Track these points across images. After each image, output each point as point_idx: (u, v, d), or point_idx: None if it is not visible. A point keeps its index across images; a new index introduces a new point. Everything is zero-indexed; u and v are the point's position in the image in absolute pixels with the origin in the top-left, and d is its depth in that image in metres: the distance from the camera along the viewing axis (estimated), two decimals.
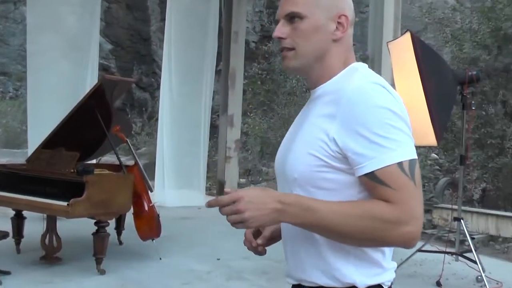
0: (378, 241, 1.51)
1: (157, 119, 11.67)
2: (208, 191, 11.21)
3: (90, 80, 9.13)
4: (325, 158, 1.52)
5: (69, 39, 9.33)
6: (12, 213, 6.30)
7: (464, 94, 5.79)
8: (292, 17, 1.62)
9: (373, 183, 1.48)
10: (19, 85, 20.64)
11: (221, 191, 10.46)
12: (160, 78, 10.62)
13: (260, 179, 12.61)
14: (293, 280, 1.71)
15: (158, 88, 11.56)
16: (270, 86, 14.32)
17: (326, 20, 1.62)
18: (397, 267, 4.20)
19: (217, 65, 10.95)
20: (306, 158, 1.55)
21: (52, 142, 6.03)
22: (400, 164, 1.47)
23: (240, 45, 10.68)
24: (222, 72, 10.87)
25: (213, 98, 11.65)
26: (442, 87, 5.55)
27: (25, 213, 6.20)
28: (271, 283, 5.59)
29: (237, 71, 10.61)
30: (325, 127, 1.53)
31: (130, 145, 6.54)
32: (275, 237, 1.85)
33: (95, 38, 9.70)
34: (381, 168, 1.46)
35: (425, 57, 5.45)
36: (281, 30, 1.64)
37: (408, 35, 5.40)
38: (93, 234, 5.54)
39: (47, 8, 9.10)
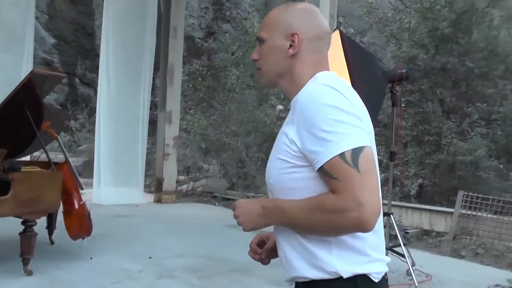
0: (335, 230, 1.60)
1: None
2: (148, 188, 11.10)
3: (25, 73, 8.90)
4: (290, 159, 1.65)
5: (6, 31, 9.10)
6: None
7: (394, 92, 5.88)
8: (259, 41, 1.83)
9: (324, 177, 1.59)
10: None
11: (159, 188, 10.37)
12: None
13: (200, 176, 12.56)
14: (289, 281, 1.80)
15: None
16: (210, 83, 14.27)
17: (281, 40, 1.78)
18: None
19: (157, 61, 10.85)
20: (276, 163, 1.69)
21: None
22: (342, 155, 1.55)
23: (179, 40, 10.60)
24: (160, 68, 10.76)
25: (155, 95, 11.55)
26: (372, 85, 5.61)
27: None
28: (202, 281, 5.56)
29: (176, 67, 10.52)
30: (287, 132, 1.67)
31: (60, 142, 6.38)
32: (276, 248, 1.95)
33: (30, 29, 9.48)
34: (326, 161, 1.56)
35: (354, 55, 5.50)
36: (255, 52, 1.85)
37: (337, 33, 5.44)
38: (20, 233, 5.40)
39: None
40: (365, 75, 5.57)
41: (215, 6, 20.47)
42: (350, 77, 5.44)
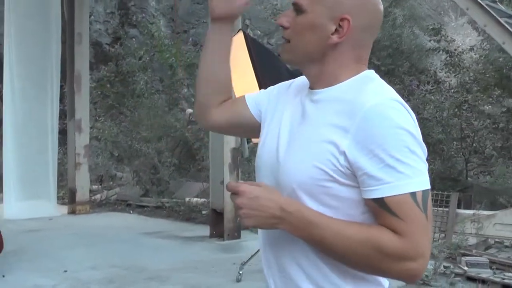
0: (376, 271, 1.42)
1: None
2: (61, 200, 10.89)
3: None
4: (332, 172, 1.41)
5: None
6: None
7: None
8: (296, 9, 1.51)
9: (381, 209, 1.38)
10: None
11: (72, 199, 10.20)
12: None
13: (114, 184, 12.43)
14: None
15: None
16: (119, 89, 14.14)
17: (325, 20, 1.48)
18: (245, 262, 4.38)
19: (64, 69, 10.65)
20: (309, 169, 1.43)
21: None
22: (413, 194, 1.36)
23: (85, 46, 10.45)
24: (67, 76, 10.57)
25: (64, 103, 11.32)
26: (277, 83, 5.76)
27: None
28: None
29: (83, 74, 10.36)
30: (334, 139, 1.41)
31: None
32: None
33: None
34: (393, 195, 1.36)
35: (259, 55, 5.64)
36: (285, 18, 1.54)
37: (240, 34, 5.57)
38: None
39: None
40: (271, 75, 5.71)
41: (121, 10, 20.21)
42: (256, 78, 5.58)
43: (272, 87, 1.77)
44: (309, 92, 1.56)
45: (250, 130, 1.76)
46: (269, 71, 5.71)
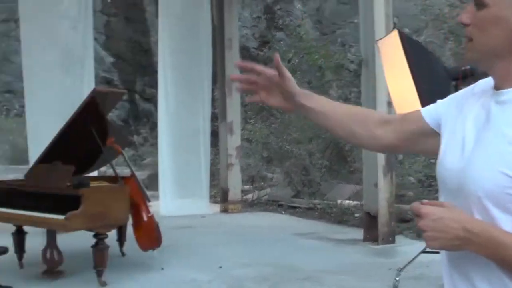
0: None
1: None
2: (213, 199, 11.21)
3: (86, 93, 9.13)
4: None
5: (65, 53, 9.42)
6: (14, 228, 6.32)
7: (459, 90, 5.76)
8: (477, 3, 1.41)
9: None
10: (24, 102, 20.75)
11: (225, 198, 10.46)
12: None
13: (265, 185, 12.60)
14: None
15: None
16: None
17: (510, 12, 1.37)
18: (402, 269, 4.18)
19: (215, 73, 10.98)
20: (496, 176, 1.33)
21: (48, 156, 6.04)
22: None
23: (235, 51, 10.69)
24: (218, 80, 10.87)
25: (214, 106, 11.68)
26: (435, 85, 5.50)
27: (26, 227, 6.22)
28: None
29: None
30: None
31: (125, 156, 6.54)
32: (287, 85, 1.71)
33: (89, 50, 9.76)
34: None
35: (415, 55, 5.39)
36: (466, 14, 1.44)
37: (395, 33, 5.36)
38: (92, 246, 5.54)
39: (41, 23, 9.19)
40: (427, 74, 5.46)
41: (267, 15, 20.57)
42: (412, 78, 5.35)
43: (452, 95, 1.63)
44: (494, 93, 1.43)
45: (427, 143, 1.63)
46: (424, 69, 5.46)
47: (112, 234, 6.01)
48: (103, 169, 7.12)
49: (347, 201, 10.15)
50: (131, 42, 22.57)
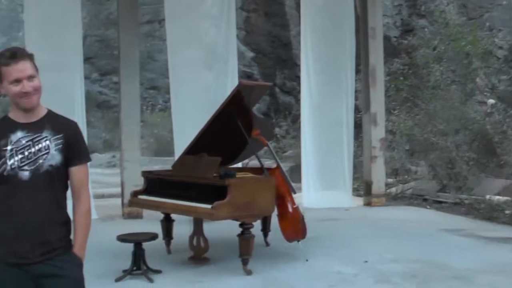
0: None
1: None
2: (356, 192, 11.07)
3: (230, 88, 9.38)
4: None
5: (209, 51, 9.72)
6: (162, 216, 6.60)
7: None
8: None
9: None
10: (168, 97, 21.68)
11: (368, 191, 10.29)
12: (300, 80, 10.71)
13: (409, 178, 12.25)
14: None
15: (300, 91, 11.69)
16: (413, 81, 13.88)
17: None
18: None
19: (357, 63, 10.82)
20: None
21: (195, 148, 6.23)
22: None
23: (379, 41, 10.45)
24: (362, 70, 10.68)
25: (356, 97, 11.52)
26: None
27: (173, 215, 6.49)
28: (420, 287, 5.37)
29: (377, 68, 10.39)
30: None
31: (271, 148, 6.61)
32: None
33: (233, 47, 9.98)
34: None
35: None
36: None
37: None
38: (238, 235, 5.65)
39: (186, 23, 9.54)
40: None
41: (408, 2, 19.99)
42: None
43: None
44: None
45: None
46: None
47: (257, 224, 6.09)
48: (245, 161, 7.23)
49: (496, 197, 9.60)
50: (271, 37, 22.87)
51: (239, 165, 7.30)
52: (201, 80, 9.59)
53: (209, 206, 5.41)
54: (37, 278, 2.64)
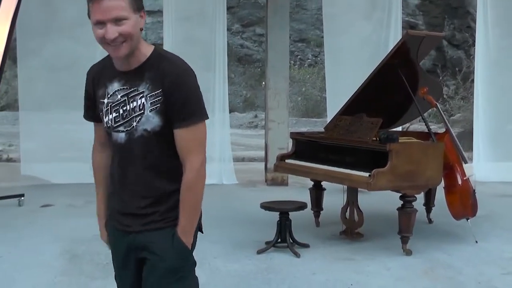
0: None
1: (472, 81, 11.33)
2: None
3: (392, 40, 9.27)
4: None
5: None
6: (310, 183, 6.69)
7: None
8: None
9: None
10: (318, 51, 21.80)
11: None
12: (475, 32, 10.31)
13: None
14: None
15: (474, 44, 11.25)
16: None
17: None
18: None
19: None
20: None
21: (352, 108, 6.22)
22: None
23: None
24: None
25: None
26: None
27: (324, 184, 6.55)
28: None
29: None
30: None
31: (440, 109, 6.48)
32: None
33: None
34: None
35: None
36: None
37: None
38: (398, 209, 5.60)
39: None
40: None
41: None
42: None
43: None
44: None
45: None
46: None
47: (419, 198, 6.00)
48: (406, 124, 7.14)
49: None
50: None
51: (400, 128, 7.25)
52: (359, 31, 9.55)
53: (366, 174, 5.40)
54: (141, 250, 2.51)
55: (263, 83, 13.86)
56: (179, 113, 2.39)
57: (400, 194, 5.59)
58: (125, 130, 2.43)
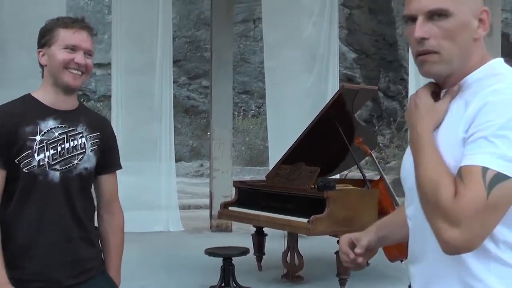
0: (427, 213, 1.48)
1: (406, 130, 11.64)
2: None
3: (330, 92, 9.44)
4: None
5: (308, 51, 9.81)
6: (253, 229, 6.77)
7: None
8: (435, 14, 1.56)
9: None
10: (261, 103, 22.02)
11: None
12: (408, 84, 10.64)
13: None
14: None
15: (407, 95, 11.61)
16: None
17: (470, 17, 1.58)
18: None
19: None
20: None
21: (292, 156, 6.34)
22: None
23: (496, 38, 10.24)
24: None
25: None
26: None
27: (266, 230, 6.64)
28: None
29: None
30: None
31: (374, 158, 6.64)
32: (373, 248, 1.94)
33: (334, 47, 10.04)
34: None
35: None
36: (423, 29, 1.56)
37: None
38: (336, 253, 5.67)
39: (284, 22, 9.70)
40: None
41: None
42: None
43: None
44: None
45: None
46: None
47: None
48: (344, 172, 7.30)
49: None
50: (375, 36, 22.75)
51: (338, 176, 7.39)
52: (300, 83, 9.75)
53: (305, 220, 5.49)
54: None
55: (209, 133, 13.98)
56: (112, 159, 2.55)
57: (338, 239, 5.70)
58: (60, 169, 2.34)
